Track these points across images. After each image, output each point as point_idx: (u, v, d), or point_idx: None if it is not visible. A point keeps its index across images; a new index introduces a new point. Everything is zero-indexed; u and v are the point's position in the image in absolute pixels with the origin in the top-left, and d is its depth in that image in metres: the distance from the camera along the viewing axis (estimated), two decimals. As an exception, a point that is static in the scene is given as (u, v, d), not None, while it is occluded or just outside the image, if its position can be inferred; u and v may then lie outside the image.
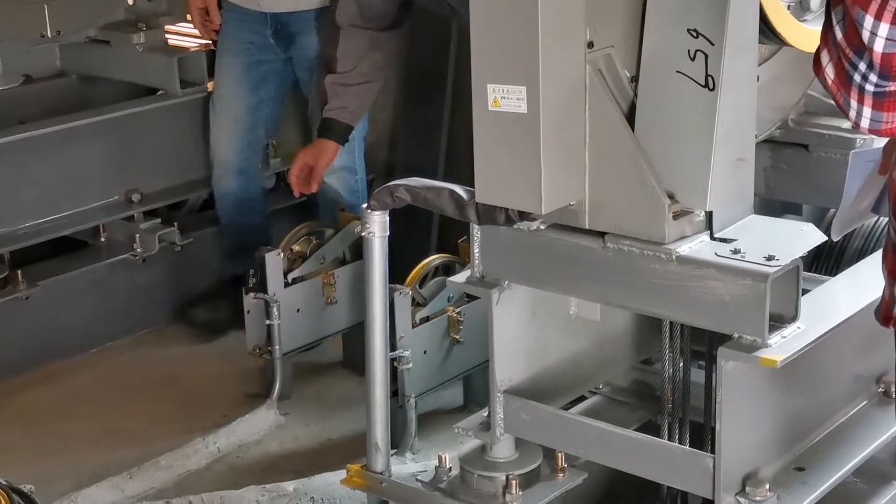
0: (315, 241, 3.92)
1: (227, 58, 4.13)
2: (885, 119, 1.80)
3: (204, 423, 3.71)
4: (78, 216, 4.14)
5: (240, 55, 4.11)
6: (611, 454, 2.51)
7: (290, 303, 3.78)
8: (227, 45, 4.14)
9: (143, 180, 4.27)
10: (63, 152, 4.09)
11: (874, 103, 1.78)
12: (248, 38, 4.10)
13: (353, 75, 3.71)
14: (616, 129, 2.33)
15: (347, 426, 3.68)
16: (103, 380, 4.03)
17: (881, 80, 1.75)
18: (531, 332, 2.60)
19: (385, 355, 2.76)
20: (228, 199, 4.19)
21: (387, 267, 2.69)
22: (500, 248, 2.52)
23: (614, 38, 2.34)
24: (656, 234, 2.33)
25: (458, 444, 2.99)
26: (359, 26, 3.66)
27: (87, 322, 4.17)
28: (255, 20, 4.07)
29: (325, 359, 4.06)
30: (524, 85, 2.25)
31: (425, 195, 2.56)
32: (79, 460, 3.55)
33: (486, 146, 2.35)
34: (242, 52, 4.10)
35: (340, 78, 3.71)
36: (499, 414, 2.58)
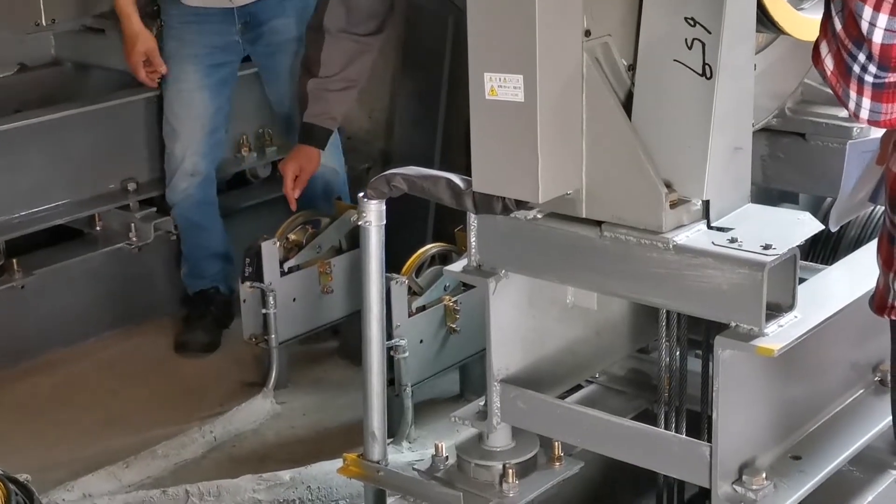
0: (311, 229, 3.91)
1: (188, 64, 4.03)
2: (884, 110, 1.80)
3: (200, 412, 3.71)
4: (73, 205, 4.13)
5: (201, 60, 4.02)
6: (607, 443, 2.51)
7: (287, 292, 3.78)
8: (185, 51, 4.02)
9: (138, 169, 4.26)
10: (58, 141, 4.08)
11: (873, 94, 1.78)
12: (210, 43, 4.01)
13: (337, 80, 3.67)
14: (613, 117, 2.33)
15: (344, 415, 3.68)
16: (99, 369, 4.03)
17: (880, 71, 1.75)
18: (528, 321, 2.60)
19: (382, 344, 2.75)
20: (191, 205, 4.10)
21: (383, 256, 2.68)
22: (497, 237, 2.51)
23: (611, 26, 2.34)
24: (653, 223, 2.33)
25: (454, 433, 2.99)
26: (346, 31, 3.63)
27: (82, 311, 4.16)
28: (219, 21, 3.99)
29: (321, 347, 4.06)
30: (521, 73, 2.25)
31: (422, 184, 2.55)
32: (75, 449, 3.55)
33: (483, 135, 2.34)
34: (204, 57, 4.01)
35: (323, 83, 3.67)
36: (495, 403, 2.58)
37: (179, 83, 4.05)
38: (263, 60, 4.11)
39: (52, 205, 4.09)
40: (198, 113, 4.06)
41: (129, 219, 4.22)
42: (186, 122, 4.07)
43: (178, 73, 4.05)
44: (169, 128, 4.10)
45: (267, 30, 4.02)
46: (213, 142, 4.10)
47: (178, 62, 4.05)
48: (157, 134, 4.28)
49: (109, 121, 4.20)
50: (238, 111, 4.26)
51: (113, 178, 4.22)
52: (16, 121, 4.03)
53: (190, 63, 4.03)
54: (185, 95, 4.05)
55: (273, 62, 4.08)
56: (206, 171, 4.11)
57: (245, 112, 4.36)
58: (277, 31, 4.01)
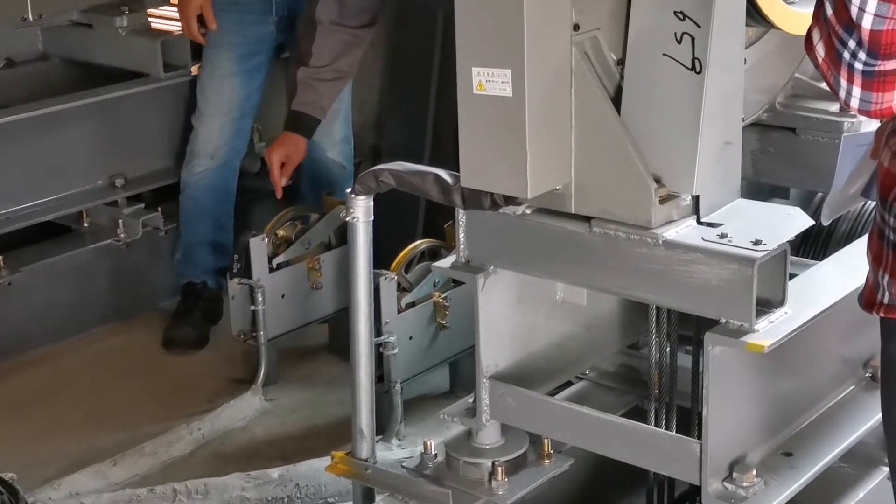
0: (300, 225, 3.90)
1: (223, 51, 4.09)
2: (875, 99, 1.77)
3: (188, 409, 3.70)
4: (61, 201, 4.11)
5: (236, 48, 4.08)
6: (597, 440, 2.50)
7: (275, 288, 3.76)
8: (222, 39, 4.08)
9: (126, 165, 4.24)
10: (46, 136, 4.06)
11: (864, 83, 1.75)
12: (247, 32, 4.07)
13: (328, 71, 3.73)
14: (602, 112, 2.31)
15: (333, 412, 3.67)
16: (87, 366, 4.01)
17: (870, 58, 1.72)
18: (517, 317, 2.59)
19: (370, 341, 2.74)
20: (204, 187, 4.13)
21: (371, 252, 2.67)
22: (486, 233, 2.50)
23: (600, 20, 2.32)
24: (643, 219, 2.31)
25: (444, 430, 2.98)
26: (337, 23, 3.66)
27: (70, 308, 4.14)
28: (257, 11, 4.05)
29: (310, 344, 4.05)
30: (509, 68, 2.23)
31: (410, 180, 2.54)
32: (62, 446, 3.54)
33: (471, 130, 2.32)
34: (239, 45, 4.08)
35: (315, 73, 3.72)
36: (484, 400, 2.56)
37: (213, 69, 4.12)
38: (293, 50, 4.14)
39: (40, 201, 4.07)
40: (227, 98, 4.10)
41: (117, 215, 4.21)
42: (215, 105, 4.12)
43: (213, 59, 4.11)
44: (197, 111, 4.15)
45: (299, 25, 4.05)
46: (237, 128, 4.13)
47: (214, 48, 4.11)
48: (144, 129, 4.27)
49: (97, 116, 4.18)
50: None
51: (101, 173, 4.20)
52: (3, 116, 4.01)
53: (225, 50, 4.09)
54: (217, 80, 4.10)
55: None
56: (226, 158, 4.13)
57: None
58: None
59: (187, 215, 4.18)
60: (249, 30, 4.07)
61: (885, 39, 1.69)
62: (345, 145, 4.19)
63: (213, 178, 4.13)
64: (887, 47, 1.70)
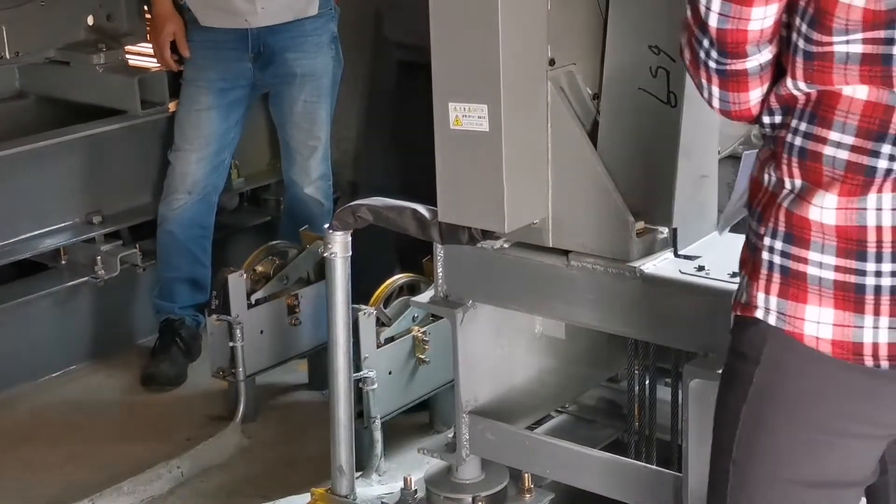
0: (278, 261, 3.89)
1: (200, 87, 4.08)
2: (732, 99, 1.77)
3: (167, 446, 3.67)
4: (38, 239, 4.09)
5: (213, 83, 4.07)
6: (577, 474, 2.50)
7: (254, 324, 3.75)
8: (199, 75, 4.08)
9: (104, 202, 4.22)
10: (23, 174, 4.04)
11: (720, 82, 1.76)
12: (224, 68, 4.06)
13: None
14: (579, 146, 2.32)
15: (313, 448, 3.64)
16: (65, 404, 3.98)
17: (721, 56, 1.73)
18: (496, 352, 2.59)
19: (349, 376, 2.74)
20: (181, 221, 4.12)
21: (349, 287, 2.67)
22: (464, 268, 2.50)
23: (576, 55, 2.34)
24: (620, 252, 2.32)
25: (425, 465, 2.96)
26: None
27: (48, 346, 4.11)
28: (234, 48, 4.05)
29: (290, 380, 4.03)
30: (486, 103, 2.24)
31: (388, 215, 2.54)
32: (40, 485, 3.50)
33: (449, 165, 2.33)
34: (216, 80, 4.07)
35: None
36: (464, 435, 2.56)
37: (190, 104, 4.12)
38: (272, 88, 4.16)
39: (17, 239, 4.05)
40: (204, 133, 4.10)
41: (94, 252, 4.18)
42: (191, 140, 4.11)
43: (190, 95, 4.11)
44: (174, 146, 4.14)
45: (279, 60, 4.05)
46: (214, 164, 4.12)
47: (191, 84, 4.11)
48: (122, 166, 4.26)
49: (75, 153, 4.17)
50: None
51: (78, 211, 4.18)
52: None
53: (202, 86, 4.09)
54: (194, 115, 4.10)
55: (279, 90, 4.14)
56: (204, 193, 4.11)
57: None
58: (287, 63, 4.05)
59: (164, 250, 4.17)
60: (226, 66, 4.07)
61: (730, 38, 1.70)
62: (323, 182, 4.19)
63: (191, 213, 4.12)
64: (734, 46, 1.70)
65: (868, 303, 1.67)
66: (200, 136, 4.09)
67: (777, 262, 1.72)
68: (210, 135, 4.09)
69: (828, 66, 1.64)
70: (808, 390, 1.74)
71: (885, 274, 1.66)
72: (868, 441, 1.77)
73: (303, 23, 4.05)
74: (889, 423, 1.75)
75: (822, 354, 1.70)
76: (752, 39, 1.70)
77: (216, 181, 4.16)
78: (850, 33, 1.60)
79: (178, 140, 4.12)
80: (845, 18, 1.60)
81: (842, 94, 1.64)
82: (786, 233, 1.70)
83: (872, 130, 1.63)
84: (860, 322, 1.68)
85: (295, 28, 4.05)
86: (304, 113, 4.10)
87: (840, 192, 1.65)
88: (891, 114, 1.62)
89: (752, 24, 1.68)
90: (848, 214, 1.65)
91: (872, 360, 1.69)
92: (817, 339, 1.70)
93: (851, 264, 1.66)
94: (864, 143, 1.63)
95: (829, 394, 1.73)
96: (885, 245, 1.65)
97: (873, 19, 1.58)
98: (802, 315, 1.70)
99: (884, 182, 1.63)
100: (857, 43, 1.61)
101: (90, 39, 4.40)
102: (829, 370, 1.72)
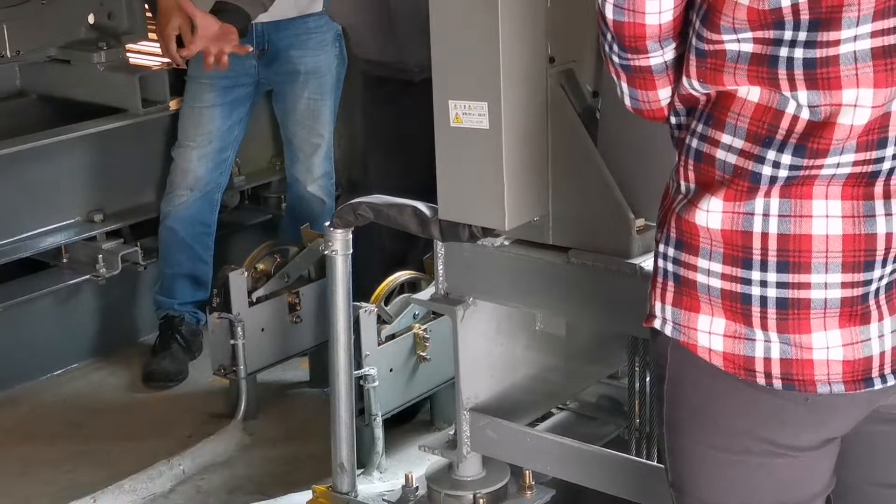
0: (279, 259, 3.89)
1: (203, 84, 4.08)
2: (641, 97, 1.72)
3: (169, 444, 3.67)
4: (39, 237, 4.09)
5: (217, 81, 4.07)
6: (578, 471, 2.50)
7: (255, 322, 3.75)
8: (203, 72, 4.04)
9: (105, 200, 4.23)
10: (24, 173, 4.04)
11: (627, 78, 1.71)
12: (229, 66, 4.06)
13: None
14: (579, 144, 2.33)
15: (315, 446, 3.65)
16: (66, 402, 3.98)
17: (621, 51, 1.67)
18: (497, 349, 2.59)
19: (350, 374, 2.74)
20: (182, 218, 4.12)
21: (350, 285, 2.67)
22: (464, 265, 2.50)
23: (576, 53, 2.34)
24: (621, 249, 2.32)
25: (426, 462, 2.96)
26: None
27: (49, 344, 4.12)
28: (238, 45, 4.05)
29: (291, 378, 4.03)
30: (486, 101, 2.24)
31: (388, 212, 2.54)
32: (42, 483, 3.51)
33: (449, 162, 2.34)
34: (220, 78, 4.07)
35: None
36: (465, 432, 2.56)
37: (193, 101, 4.12)
38: (276, 85, 4.16)
39: (18, 237, 4.05)
40: (206, 130, 4.10)
41: (95, 250, 4.18)
42: (193, 136, 4.11)
43: (193, 92, 4.11)
44: (177, 142, 4.15)
45: (283, 57, 4.06)
46: (217, 161, 4.12)
47: (194, 82, 4.11)
48: (123, 164, 4.26)
49: (76, 152, 4.17)
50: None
51: (79, 209, 4.18)
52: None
53: (206, 83, 4.09)
54: (196, 112, 4.11)
55: (283, 88, 4.15)
56: (206, 190, 4.12)
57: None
58: (291, 60, 4.05)
59: (166, 246, 4.17)
60: (230, 63, 4.07)
61: (627, 31, 1.63)
62: (326, 180, 4.19)
63: (193, 209, 4.13)
64: (632, 41, 1.64)
65: (755, 315, 1.58)
66: (202, 134, 4.10)
67: (670, 270, 1.65)
68: (212, 132, 4.10)
69: (720, 65, 1.57)
70: (708, 407, 1.66)
71: (770, 284, 1.57)
72: (789, 458, 1.66)
73: (307, 20, 4.05)
74: (799, 447, 1.65)
75: (716, 368, 1.62)
76: (650, 34, 1.63)
77: (219, 178, 4.16)
78: (739, 32, 1.54)
79: (181, 136, 4.13)
80: (732, 17, 1.54)
81: (736, 95, 1.58)
82: (677, 239, 1.63)
83: (761, 135, 1.55)
84: (751, 335, 1.59)
85: (299, 25, 4.05)
86: (308, 110, 4.11)
87: (725, 196, 1.57)
88: (779, 118, 1.55)
89: (648, 17, 1.61)
90: (734, 219, 1.57)
91: (765, 378, 1.60)
92: (710, 350, 1.62)
93: (737, 272, 1.58)
94: (752, 147, 1.56)
95: (730, 411, 1.64)
96: (770, 254, 1.56)
97: (759, 18, 1.52)
98: (695, 325, 1.62)
99: (771, 188, 1.56)
100: (748, 42, 1.55)
101: (91, 38, 4.40)
102: (724, 385, 1.63)
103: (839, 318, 1.57)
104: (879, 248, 1.56)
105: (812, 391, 1.59)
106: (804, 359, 1.59)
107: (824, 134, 1.53)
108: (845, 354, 1.58)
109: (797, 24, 1.51)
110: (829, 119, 1.52)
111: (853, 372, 1.59)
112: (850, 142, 1.53)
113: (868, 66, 1.50)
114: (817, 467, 1.69)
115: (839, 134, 1.53)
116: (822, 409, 1.62)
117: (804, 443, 1.65)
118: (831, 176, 1.55)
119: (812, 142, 1.54)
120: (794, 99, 1.53)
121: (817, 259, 1.56)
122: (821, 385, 1.59)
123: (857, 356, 1.59)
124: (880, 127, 1.54)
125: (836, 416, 1.64)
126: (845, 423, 1.66)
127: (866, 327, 1.58)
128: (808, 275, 1.56)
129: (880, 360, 1.59)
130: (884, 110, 1.52)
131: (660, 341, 1.69)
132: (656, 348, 1.72)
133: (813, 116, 1.53)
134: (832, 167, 1.54)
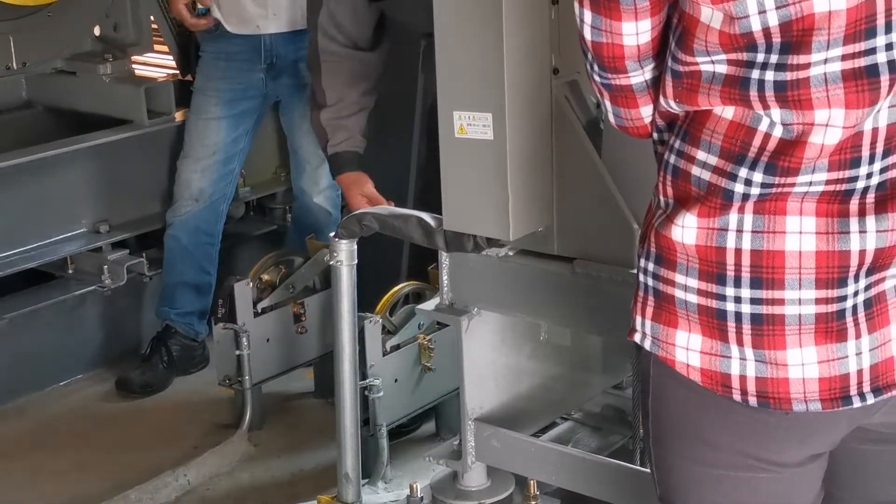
0: (284, 269, 3.90)
1: (209, 96, 4.10)
2: (624, 115, 1.72)
3: (174, 454, 3.68)
4: (45, 248, 4.10)
5: (223, 93, 4.09)
6: (583, 481, 2.50)
7: (260, 332, 3.76)
8: (209, 84, 4.09)
9: (110, 211, 4.24)
10: (30, 184, 4.06)
11: (610, 96, 1.71)
12: (235, 78, 4.07)
13: (346, 106, 3.61)
14: (583, 154, 2.33)
15: (320, 456, 3.65)
16: (73, 412, 3.99)
17: (602, 70, 1.68)
18: (501, 359, 2.60)
19: (355, 384, 2.74)
20: (187, 227, 4.13)
21: (355, 295, 2.68)
22: (469, 275, 2.51)
23: (580, 64, 2.34)
24: (625, 259, 2.33)
25: (431, 472, 2.97)
26: (338, 53, 3.57)
27: (55, 355, 4.13)
28: (246, 59, 4.06)
29: (296, 388, 4.04)
30: (490, 112, 2.25)
31: (393, 223, 2.55)
32: (48, 494, 3.51)
33: (454, 173, 2.34)
34: (226, 91, 4.09)
35: (334, 112, 3.59)
36: (470, 442, 2.57)
37: (199, 112, 4.13)
38: (283, 97, 4.17)
39: (24, 248, 4.06)
40: (212, 141, 4.11)
41: (101, 261, 4.19)
42: (199, 148, 4.12)
43: (199, 103, 4.12)
44: (182, 153, 4.16)
45: (291, 69, 4.07)
46: (222, 172, 4.13)
47: (201, 93, 4.12)
48: (129, 176, 4.27)
49: (82, 163, 4.19)
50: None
51: (85, 220, 4.20)
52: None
53: (212, 95, 4.10)
54: (202, 123, 4.12)
55: (290, 100, 4.16)
56: (211, 201, 4.13)
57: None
58: (299, 72, 4.07)
59: (169, 255, 4.18)
60: (237, 76, 4.09)
61: (606, 52, 1.64)
62: (332, 191, 4.19)
63: (197, 219, 4.14)
64: (611, 61, 1.65)
65: (730, 330, 1.58)
66: (207, 145, 4.11)
67: (650, 285, 1.65)
68: (217, 143, 4.11)
69: (695, 85, 1.58)
70: (691, 422, 1.66)
71: (744, 300, 1.57)
72: (774, 474, 1.66)
73: None
74: (784, 463, 1.64)
75: (695, 383, 1.62)
76: (629, 55, 1.64)
77: (224, 190, 4.17)
78: (713, 54, 1.55)
79: (186, 147, 4.14)
80: (704, 40, 1.54)
81: (712, 112, 1.58)
82: (656, 254, 1.63)
83: (733, 152, 1.55)
84: (727, 352, 1.59)
85: (307, 38, 4.06)
86: None
87: (699, 212, 1.57)
88: (752, 136, 1.54)
89: (626, 38, 1.62)
90: (709, 234, 1.57)
91: (741, 395, 1.60)
92: (688, 366, 1.62)
93: (712, 288, 1.58)
94: (725, 164, 1.56)
95: (712, 427, 1.65)
96: (743, 269, 1.56)
97: (731, 42, 1.52)
98: (673, 341, 1.63)
99: (744, 204, 1.55)
100: (723, 63, 1.55)
101: (97, 50, 4.42)
102: (705, 401, 1.63)
103: (815, 335, 1.57)
104: (853, 264, 1.55)
105: (788, 409, 1.59)
106: (779, 377, 1.58)
107: (795, 152, 1.53)
108: (821, 371, 1.58)
109: (769, 46, 1.51)
110: (801, 138, 1.53)
111: (830, 390, 1.58)
112: (822, 160, 1.53)
113: (839, 88, 1.50)
114: (803, 483, 1.69)
115: (810, 153, 1.53)
116: (801, 426, 1.62)
117: (788, 459, 1.65)
118: (804, 193, 1.55)
119: (783, 160, 1.54)
120: (767, 116, 1.54)
121: (790, 275, 1.56)
122: (797, 403, 1.58)
123: (834, 373, 1.58)
124: (852, 146, 1.54)
125: (816, 434, 1.64)
126: (827, 439, 1.66)
127: (843, 344, 1.57)
128: (781, 291, 1.56)
129: (858, 378, 1.58)
130: (855, 130, 1.52)
131: (642, 355, 1.70)
132: (639, 363, 1.73)
133: (786, 134, 1.54)
134: (804, 185, 1.55)
